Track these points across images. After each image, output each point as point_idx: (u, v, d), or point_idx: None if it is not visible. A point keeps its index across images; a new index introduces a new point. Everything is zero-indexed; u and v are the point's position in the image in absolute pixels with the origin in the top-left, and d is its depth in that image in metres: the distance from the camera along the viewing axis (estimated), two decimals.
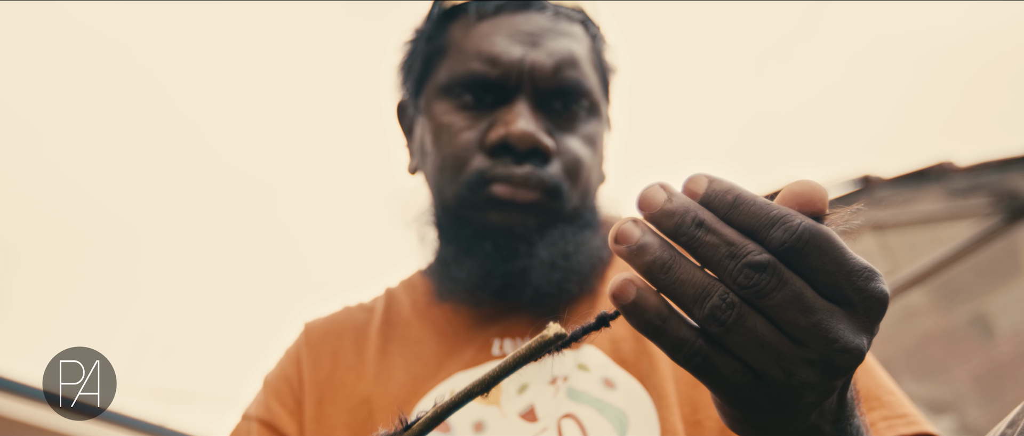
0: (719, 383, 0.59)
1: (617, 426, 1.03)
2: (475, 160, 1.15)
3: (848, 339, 0.56)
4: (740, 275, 0.55)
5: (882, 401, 1.03)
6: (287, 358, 1.26)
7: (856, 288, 0.56)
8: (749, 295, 0.55)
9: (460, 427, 1.08)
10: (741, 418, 0.62)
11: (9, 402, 5.86)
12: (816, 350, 0.56)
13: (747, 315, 0.55)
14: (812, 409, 0.60)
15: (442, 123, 1.19)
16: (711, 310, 0.55)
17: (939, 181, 6.35)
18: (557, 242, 1.13)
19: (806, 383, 0.57)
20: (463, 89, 1.18)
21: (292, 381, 1.22)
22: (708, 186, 0.57)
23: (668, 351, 0.58)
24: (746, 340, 0.56)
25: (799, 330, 0.55)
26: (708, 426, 1.03)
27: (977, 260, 5.89)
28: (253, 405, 1.23)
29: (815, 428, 0.62)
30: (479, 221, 1.15)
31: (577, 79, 1.18)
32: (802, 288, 0.55)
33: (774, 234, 0.55)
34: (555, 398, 1.07)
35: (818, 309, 0.55)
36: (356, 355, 1.22)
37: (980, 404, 5.52)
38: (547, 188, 1.13)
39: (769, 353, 0.56)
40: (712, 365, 0.57)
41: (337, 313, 1.31)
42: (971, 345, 5.73)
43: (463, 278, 1.16)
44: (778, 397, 0.58)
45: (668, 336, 0.57)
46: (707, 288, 0.56)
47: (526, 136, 1.12)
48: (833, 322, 0.55)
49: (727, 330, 0.55)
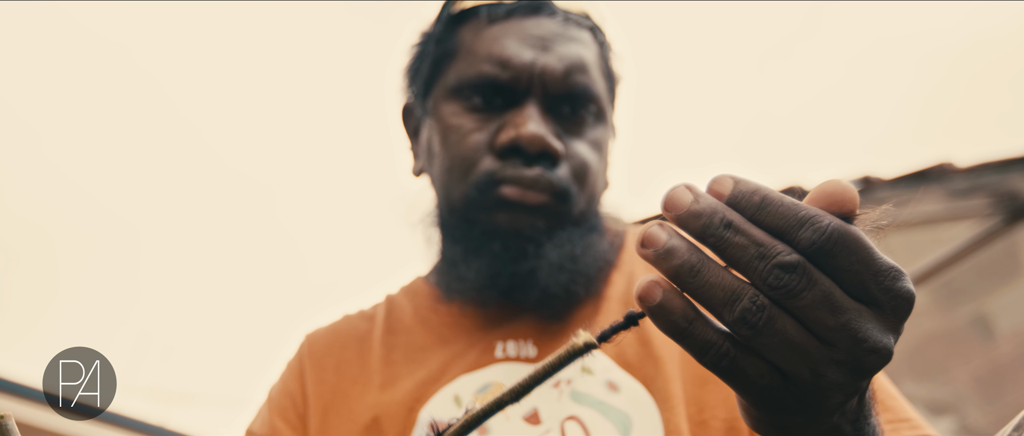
0: (746, 385, 0.58)
1: (620, 428, 1.04)
2: (484, 161, 1.15)
3: (876, 339, 0.56)
4: (770, 276, 0.54)
5: (886, 405, 1.03)
6: (289, 372, 1.26)
7: (883, 288, 0.56)
8: (779, 296, 0.55)
9: None
10: (766, 419, 0.62)
11: (9, 403, 5.86)
12: (844, 350, 0.55)
13: (777, 317, 0.55)
14: (837, 410, 0.60)
15: (451, 125, 1.19)
16: (741, 313, 0.55)
17: (939, 182, 6.35)
18: (565, 244, 1.14)
19: (834, 384, 0.57)
20: (473, 91, 1.18)
21: (294, 396, 1.22)
22: (734, 187, 0.57)
23: (695, 354, 0.58)
24: (776, 342, 0.55)
25: (828, 331, 0.55)
26: (714, 426, 1.04)
27: (977, 261, 5.89)
28: (256, 421, 1.23)
29: (836, 428, 0.62)
30: (487, 222, 1.15)
31: (586, 84, 1.18)
32: (831, 288, 0.55)
33: (803, 234, 0.55)
34: (559, 401, 1.08)
35: (847, 309, 0.55)
36: (360, 366, 1.21)
37: (980, 405, 5.52)
38: (556, 191, 1.14)
39: (798, 355, 0.55)
40: (740, 368, 0.57)
41: (338, 322, 1.31)
42: (971, 346, 5.73)
43: (471, 277, 1.16)
44: (805, 397, 0.58)
45: (694, 339, 0.57)
46: (737, 291, 0.55)
47: (536, 139, 1.12)
48: (861, 322, 0.55)
49: (757, 333, 0.55)
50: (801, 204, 0.56)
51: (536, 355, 1.14)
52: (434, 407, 1.11)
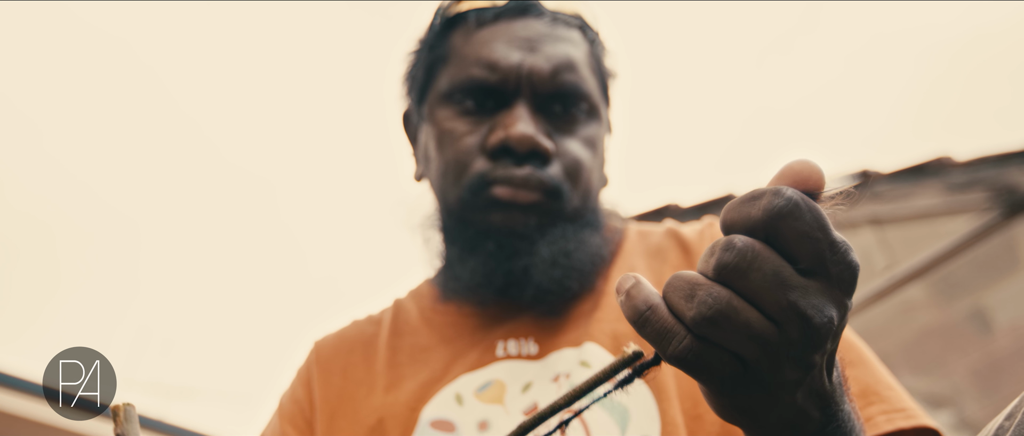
0: (708, 375, 0.60)
1: (619, 421, 1.04)
2: (476, 163, 1.17)
3: (822, 313, 0.58)
4: (715, 257, 0.57)
5: (881, 395, 1.04)
6: (298, 379, 1.29)
7: (837, 260, 0.58)
8: (727, 277, 0.57)
9: (465, 427, 1.09)
10: (728, 403, 0.64)
11: (9, 398, 5.87)
12: (795, 328, 0.57)
13: (739, 309, 0.57)
14: (795, 387, 0.62)
15: (445, 129, 1.21)
16: (698, 306, 0.57)
17: (937, 176, 6.35)
18: (558, 240, 1.15)
19: (785, 362, 0.59)
20: (464, 95, 1.20)
21: (302, 403, 1.24)
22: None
23: (654, 342, 0.60)
24: (739, 336, 0.57)
25: (780, 310, 0.57)
26: (709, 419, 1.05)
27: (975, 255, 5.90)
28: (268, 429, 1.25)
29: (802, 413, 0.64)
30: (481, 222, 1.17)
31: (575, 82, 1.20)
32: (780, 266, 0.56)
33: (762, 201, 0.57)
34: (557, 394, 1.08)
35: (795, 286, 0.57)
36: (366, 369, 1.23)
37: (978, 398, 5.53)
38: (547, 189, 1.15)
39: (758, 344, 0.57)
40: (704, 359, 0.59)
41: (346, 328, 1.33)
42: (969, 340, 5.74)
43: (466, 277, 1.18)
44: (762, 379, 0.60)
45: (653, 325, 0.59)
46: (694, 284, 0.58)
47: (525, 138, 1.14)
48: (808, 298, 0.57)
49: (719, 327, 0.57)
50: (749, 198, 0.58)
51: (537, 352, 1.15)
52: (436, 406, 1.12)
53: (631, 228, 1.31)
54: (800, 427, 0.65)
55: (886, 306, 6.16)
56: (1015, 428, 0.67)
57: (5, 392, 5.86)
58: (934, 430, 1.02)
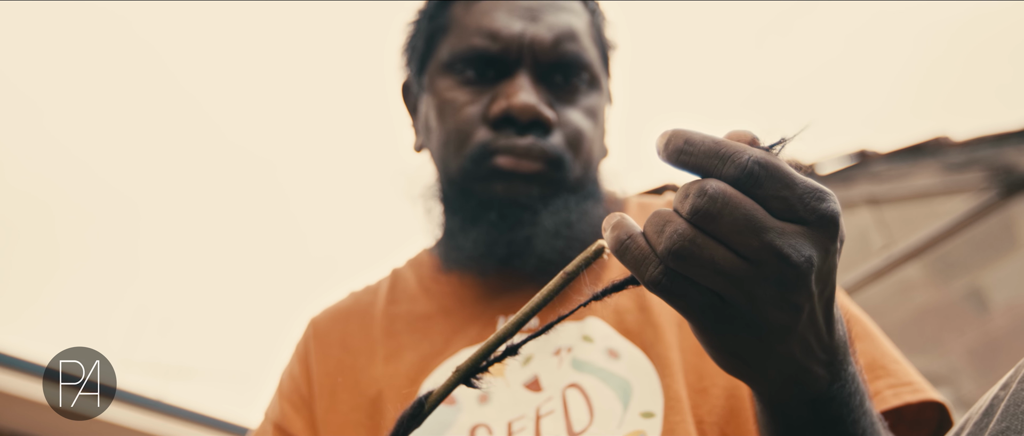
0: (688, 305, 0.63)
1: (621, 395, 1.05)
2: (478, 133, 1.17)
3: (798, 252, 0.60)
4: (687, 204, 0.60)
5: (887, 369, 1.04)
6: (295, 356, 1.29)
7: (809, 208, 0.60)
8: (698, 221, 0.60)
9: (465, 398, 1.09)
10: (718, 344, 0.66)
11: (9, 378, 5.87)
12: (770, 267, 0.60)
13: (704, 246, 0.60)
14: (784, 335, 0.64)
15: (446, 99, 1.21)
16: (667, 241, 0.60)
17: (935, 156, 6.35)
18: (560, 211, 1.15)
19: (765, 300, 0.61)
20: (465, 65, 1.20)
21: (298, 381, 1.24)
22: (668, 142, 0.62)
23: (632, 268, 0.63)
24: (706, 271, 0.60)
25: (753, 251, 0.59)
26: (714, 393, 1.05)
27: (973, 234, 5.91)
28: (271, 407, 1.26)
29: (806, 371, 0.66)
30: (484, 192, 1.16)
31: (577, 52, 1.20)
32: (753, 210, 0.59)
33: (727, 169, 0.60)
34: (559, 368, 1.09)
35: (770, 228, 0.59)
36: (364, 337, 1.23)
37: (975, 377, 5.55)
38: (549, 158, 1.15)
39: (728, 278, 0.60)
40: (681, 287, 0.62)
41: (342, 301, 1.33)
42: (966, 319, 5.75)
43: (469, 247, 1.17)
44: (745, 317, 0.63)
45: (632, 252, 0.63)
46: (665, 220, 0.61)
47: (527, 108, 1.14)
48: (784, 239, 0.59)
49: (685, 262, 0.60)
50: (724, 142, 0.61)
51: (537, 325, 1.15)
52: (436, 380, 1.12)
53: (632, 200, 1.31)
54: (805, 384, 0.66)
55: (883, 286, 6.18)
56: (1010, 398, 0.67)
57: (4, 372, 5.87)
58: (941, 404, 1.02)
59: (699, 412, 1.04)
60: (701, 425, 1.03)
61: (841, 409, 0.70)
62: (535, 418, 1.05)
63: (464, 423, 1.07)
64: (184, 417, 6.72)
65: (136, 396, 6.47)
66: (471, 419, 1.07)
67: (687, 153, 0.61)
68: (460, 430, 1.07)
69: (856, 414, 0.73)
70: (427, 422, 1.08)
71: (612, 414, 1.03)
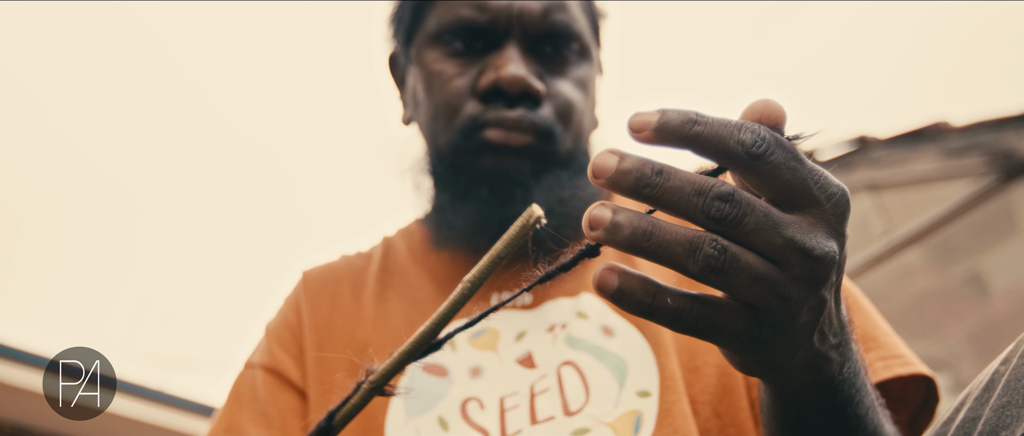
0: (725, 336, 0.58)
1: (616, 373, 1.04)
2: (467, 106, 1.16)
3: (823, 245, 0.56)
4: (711, 208, 0.54)
5: (879, 342, 1.04)
6: (287, 305, 1.27)
7: (823, 189, 0.57)
8: (724, 228, 0.55)
9: (457, 372, 1.09)
10: (751, 359, 0.62)
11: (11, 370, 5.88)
12: (797, 264, 0.56)
13: (738, 254, 0.55)
14: (810, 330, 0.61)
15: (433, 71, 1.19)
16: (705, 260, 0.54)
17: (935, 141, 6.35)
18: (553, 188, 1.14)
19: (799, 301, 0.57)
20: (453, 36, 1.18)
21: (293, 327, 1.23)
22: (661, 119, 0.56)
23: (669, 324, 0.57)
24: (743, 279, 0.55)
25: (776, 250, 0.55)
26: (706, 372, 1.05)
27: (972, 219, 5.91)
28: (257, 353, 1.24)
29: (822, 356, 0.63)
30: (474, 167, 1.15)
31: (566, 22, 1.18)
32: (768, 207, 0.55)
33: (743, 136, 0.55)
34: (554, 345, 1.08)
35: (788, 223, 0.56)
36: (354, 301, 1.23)
37: (975, 362, 5.55)
38: (539, 131, 1.14)
39: (763, 285, 0.56)
40: (715, 323, 0.57)
41: (335, 261, 1.32)
42: (966, 304, 5.76)
43: (460, 225, 1.16)
44: (777, 325, 0.58)
45: (664, 312, 0.56)
46: (694, 241, 0.54)
47: (516, 80, 1.12)
48: (804, 233, 0.56)
49: (724, 276, 0.55)
50: (733, 123, 0.56)
51: (531, 302, 1.14)
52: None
53: None
54: (819, 369, 0.65)
55: (883, 271, 6.18)
56: (1011, 373, 0.67)
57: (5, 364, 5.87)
58: (928, 381, 1.02)
59: (693, 391, 1.04)
60: (694, 404, 1.03)
61: (849, 390, 0.69)
62: (529, 395, 1.05)
63: (455, 396, 1.07)
64: (185, 407, 6.73)
65: (137, 386, 6.48)
66: (463, 392, 1.07)
67: (701, 124, 0.55)
68: (451, 402, 1.06)
69: (861, 393, 0.72)
70: (418, 394, 1.08)
71: (608, 393, 1.02)
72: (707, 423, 1.02)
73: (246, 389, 1.19)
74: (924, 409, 1.03)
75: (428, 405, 1.07)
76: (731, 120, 0.56)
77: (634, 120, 0.56)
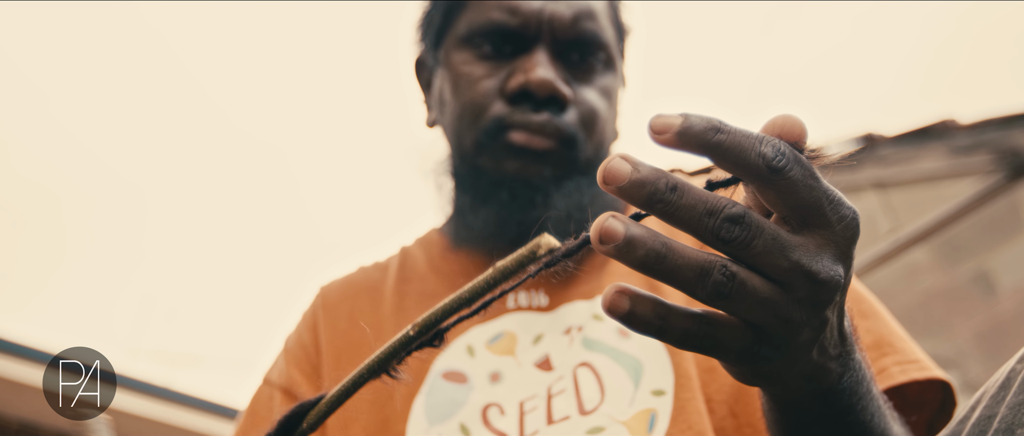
0: (726, 352, 0.58)
1: (632, 374, 1.04)
2: (494, 107, 1.17)
3: (828, 270, 0.56)
4: (722, 230, 0.54)
5: (894, 347, 1.04)
6: (304, 323, 1.28)
7: (837, 213, 0.56)
8: (733, 250, 0.54)
9: (477, 378, 1.09)
10: (748, 371, 0.62)
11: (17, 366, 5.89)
12: (801, 287, 0.56)
13: (746, 279, 0.54)
14: (811, 345, 0.60)
15: (461, 72, 1.20)
16: (714, 287, 0.54)
17: (942, 139, 6.34)
18: (573, 194, 1.15)
19: (800, 323, 0.57)
20: (483, 39, 1.20)
21: (308, 347, 1.24)
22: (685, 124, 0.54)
23: (677, 344, 0.57)
24: (747, 304, 0.55)
25: (782, 273, 0.55)
26: (722, 372, 1.04)
27: (979, 217, 5.90)
28: (274, 370, 1.25)
29: (821, 368, 0.63)
30: (496, 169, 1.16)
31: (595, 31, 1.19)
32: (777, 230, 0.55)
33: (764, 149, 0.54)
34: (570, 347, 1.08)
35: (795, 246, 0.55)
36: (372, 312, 1.23)
37: (982, 361, 5.55)
38: (563, 136, 1.15)
39: (767, 307, 0.55)
40: (718, 340, 0.57)
41: (352, 274, 1.33)
42: (973, 302, 5.75)
43: (479, 227, 1.17)
44: (776, 343, 0.58)
45: (673, 333, 0.56)
46: (705, 267, 0.54)
47: (545, 83, 1.13)
48: (810, 257, 0.55)
49: (730, 301, 0.55)
50: (756, 133, 0.55)
51: (548, 304, 1.15)
52: (447, 358, 1.12)
53: None
54: (818, 379, 0.64)
55: (890, 269, 6.17)
56: None
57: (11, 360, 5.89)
58: (945, 385, 1.02)
59: (708, 390, 1.04)
60: (710, 403, 1.03)
61: (850, 398, 0.69)
62: (546, 397, 1.05)
63: (476, 402, 1.07)
64: (191, 404, 6.74)
65: (144, 383, 6.49)
66: (483, 398, 1.07)
67: (724, 133, 0.54)
68: (472, 409, 1.07)
69: (864, 400, 0.72)
70: (439, 401, 1.08)
71: (623, 392, 1.02)
72: (723, 422, 1.02)
73: (263, 407, 1.21)
74: (942, 413, 1.03)
75: (449, 412, 1.07)
76: (753, 132, 0.55)
77: (655, 122, 0.55)
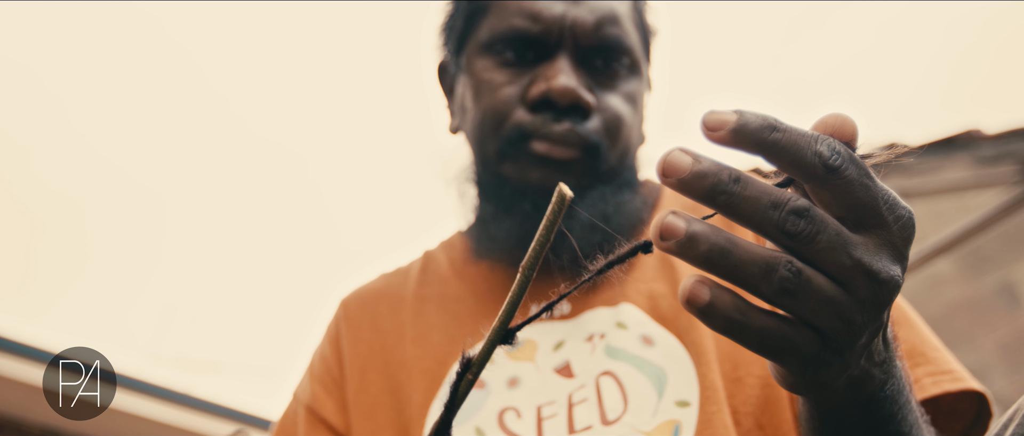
0: (796, 358, 0.56)
1: (655, 383, 1.03)
2: (516, 114, 1.15)
3: (888, 269, 0.55)
4: (787, 223, 0.52)
5: (928, 357, 1.02)
6: (327, 338, 1.29)
7: (894, 212, 0.55)
8: (797, 244, 0.53)
9: (494, 383, 1.09)
10: (807, 380, 0.60)
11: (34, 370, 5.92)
12: (863, 287, 0.54)
13: (811, 277, 0.53)
14: (863, 351, 0.59)
15: (483, 79, 1.19)
16: (780, 283, 0.52)
17: (966, 149, 6.30)
18: (597, 203, 1.13)
19: (862, 325, 0.55)
20: (505, 45, 1.19)
21: (330, 363, 1.25)
22: (741, 121, 0.53)
23: (752, 345, 0.55)
24: (813, 303, 0.53)
25: (844, 271, 0.53)
26: (749, 382, 1.03)
27: (1004, 228, 5.85)
28: (302, 387, 1.26)
29: (867, 374, 0.62)
30: (518, 179, 1.15)
31: (618, 36, 1.18)
32: (838, 226, 0.53)
33: (820, 148, 0.53)
34: (592, 355, 1.07)
35: (857, 244, 0.54)
36: (393, 319, 1.23)
37: (1006, 373, 5.50)
38: (586, 145, 1.13)
39: (832, 307, 0.54)
40: (795, 344, 0.55)
41: (373, 282, 1.33)
42: (998, 314, 5.70)
43: (501, 237, 1.16)
44: (840, 348, 0.56)
45: (751, 331, 0.54)
46: (771, 262, 0.52)
47: (567, 91, 1.12)
48: (871, 255, 0.54)
49: (796, 299, 0.53)
50: (810, 131, 0.54)
51: (569, 312, 1.14)
52: None
53: (667, 190, 1.28)
54: (862, 386, 0.63)
55: (914, 280, 6.12)
56: None
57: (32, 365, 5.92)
58: (979, 395, 1.00)
59: (735, 402, 1.02)
60: (736, 415, 1.01)
61: (891, 407, 0.68)
62: (567, 405, 1.04)
63: (493, 406, 1.07)
64: (212, 411, 6.76)
65: (164, 389, 6.51)
66: (500, 402, 1.07)
67: (780, 131, 0.53)
68: (488, 413, 1.06)
69: (904, 410, 0.70)
70: None
71: (647, 402, 1.01)
72: (750, 435, 1.00)
73: (290, 423, 1.23)
74: (976, 424, 1.01)
75: (465, 416, 1.07)
76: (808, 131, 0.54)
77: (709, 118, 0.53)
